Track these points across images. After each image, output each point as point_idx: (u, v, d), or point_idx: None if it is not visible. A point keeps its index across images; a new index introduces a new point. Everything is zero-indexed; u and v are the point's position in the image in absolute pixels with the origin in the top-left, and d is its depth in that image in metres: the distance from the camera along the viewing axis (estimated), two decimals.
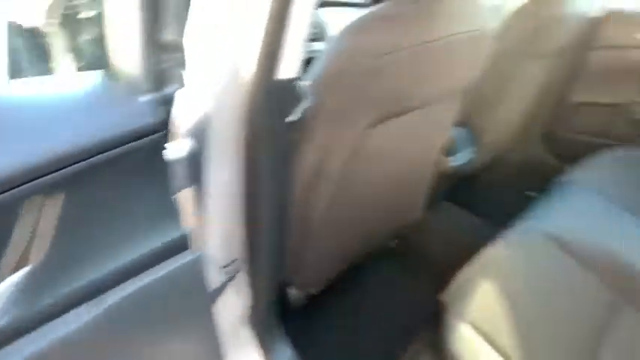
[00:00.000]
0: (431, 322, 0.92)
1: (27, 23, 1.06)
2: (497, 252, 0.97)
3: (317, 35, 1.50)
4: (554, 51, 1.36)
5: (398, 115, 0.84)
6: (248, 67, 0.62)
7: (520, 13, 1.25)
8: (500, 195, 1.80)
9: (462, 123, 1.39)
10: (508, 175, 1.90)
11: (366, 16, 0.73)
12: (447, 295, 0.92)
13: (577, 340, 0.81)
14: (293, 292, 1.16)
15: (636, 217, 1.16)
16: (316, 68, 0.74)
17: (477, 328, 0.81)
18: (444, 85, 0.92)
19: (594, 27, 1.59)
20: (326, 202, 0.86)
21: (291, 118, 0.70)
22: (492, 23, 0.94)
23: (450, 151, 1.28)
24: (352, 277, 1.40)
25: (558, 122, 1.79)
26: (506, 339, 0.79)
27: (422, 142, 1.06)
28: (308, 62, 0.74)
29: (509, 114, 1.44)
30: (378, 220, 1.14)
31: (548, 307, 0.86)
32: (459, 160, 1.34)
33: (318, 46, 1.43)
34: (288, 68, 0.64)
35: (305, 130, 0.77)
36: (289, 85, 0.66)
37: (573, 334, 0.82)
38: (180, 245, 0.77)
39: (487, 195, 1.82)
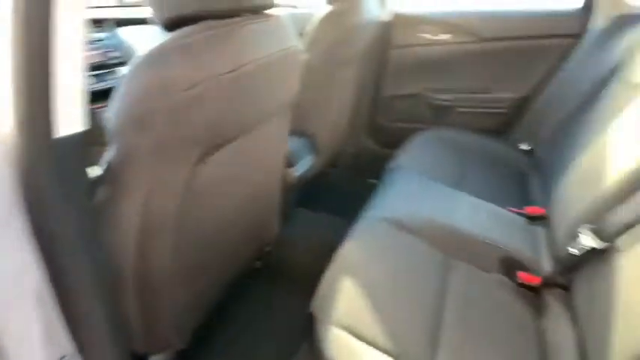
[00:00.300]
0: (308, 335, 0.93)
1: None
2: (349, 248, 1.03)
3: (124, 59, 1.39)
4: (357, 55, 1.51)
5: (230, 141, 0.83)
6: (11, 123, 0.52)
7: (322, 25, 1.36)
8: (347, 189, 1.95)
9: (297, 133, 1.45)
10: (349, 169, 2.06)
11: (166, 45, 0.68)
12: (316, 303, 0.94)
13: (427, 307, 0.91)
14: (157, 358, 1.04)
15: (452, 188, 1.37)
16: (119, 107, 0.67)
17: (347, 328, 0.85)
18: (269, 104, 0.94)
19: (387, 30, 1.83)
20: (168, 251, 0.79)
21: (94, 171, 0.62)
22: (298, 39, 1.00)
23: (291, 162, 1.32)
24: (223, 310, 1.34)
25: (378, 115, 2.01)
26: (373, 329, 0.85)
27: (262, 162, 1.07)
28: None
29: (336, 116, 1.55)
30: (236, 248, 1.11)
31: (400, 285, 0.96)
32: (302, 167, 1.39)
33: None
34: (68, 115, 0.55)
35: (118, 180, 0.70)
36: (75, 135, 0.57)
37: (423, 302, 0.92)
38: None
39: (336, 192, 1.95)
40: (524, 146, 1.67)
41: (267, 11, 0.89)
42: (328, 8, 1.34)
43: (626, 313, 0.73)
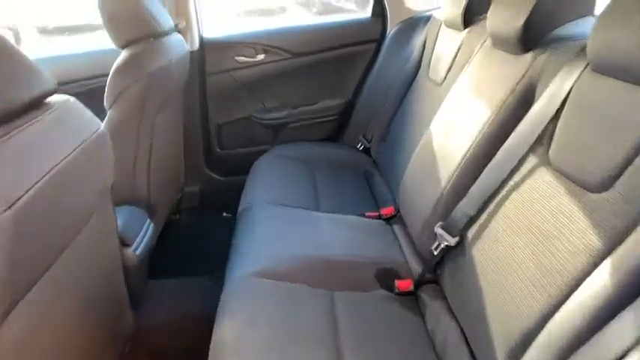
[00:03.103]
0: None
1: None
2: (225, 321, 0.92)
3: None
4: (171, 95, 1.37)
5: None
6: None
7: (120, 76, 1.15)
8: (199, 232, 1.79)
9: (122, 201, 1.23)
10: (196, 210, 1.90)
11: None
12: None
13: (324, 350, 0.88)
14: None
15: (308, 207, 1.36)
16: None
17: None
18: (85, 205, 0.79)
19: (199, 59, 1.72)
20: None
21: None
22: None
23: (126, 239, 1.11)
24: None
25: (213, 145, 1.90)
26: None
27: (94, 268, 0.88)
28: None
29: (160, 167, 1.37)
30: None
31: (292, 339, 0.89)
32: (141, 243, 1.19)
33: None
34: None
35: None
36: None
37: (319, 347, 0.88)
38: None
39: (189, 241, 1.77)
40: (361, 146, 1.77)
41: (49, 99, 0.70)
42: (121, 57, 1.16)
43: (487, 296, 0.80)
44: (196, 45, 1.69)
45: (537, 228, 0.73)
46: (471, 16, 1.25)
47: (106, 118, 1.16)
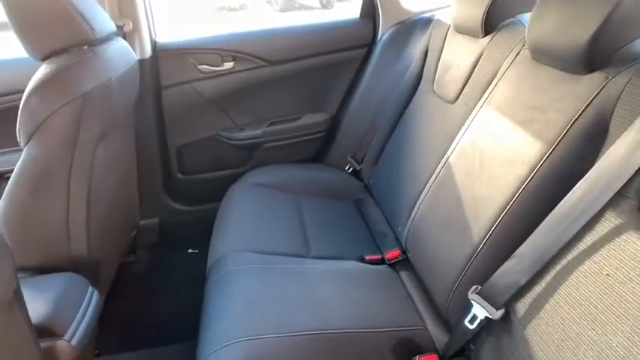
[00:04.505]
0: None
1: None
2: None
3: None
4: (115, 119, 1.07)
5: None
6: None
7: (39, 100, 0.85)
8: (160, 276, 1.50)
9: (56, 269, 0.92)
10: (156, 248, 1.59)
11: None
12: None
13: None
14: None
15: (295, 253, 1.11)
16: None
17: None
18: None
19: (152, 68, 1.41)
20: None
21: None
22: None
23: (56, 328, 0.81)
24: None
25: (173, 171, 1.60)
26: None
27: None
28: None
29: (103, 218, 1.06)
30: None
31: None
32: (83, 325, 0.87)
33: None
34: None
35: None
36: None
37: None
38: None
39: (148, 291, 1.46)
40: (350, 168, 1.52)
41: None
42: (42, 73, 0.85)
43: None
44: (148, 52, 1.38)
45: (629, 313, 0.52)
46: (494, 21, 1.02)
47: (22, 159, 0.87)
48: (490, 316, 0.72)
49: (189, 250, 1.61)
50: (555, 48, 0.77)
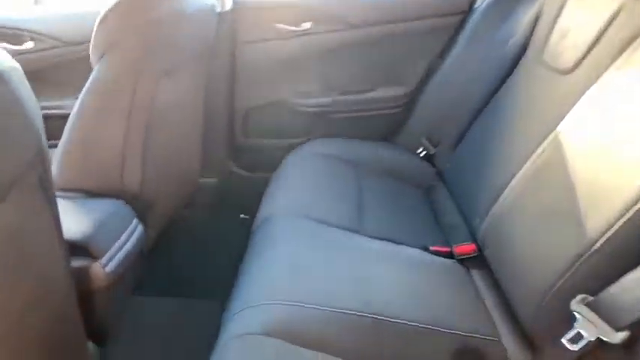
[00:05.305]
0: None
1: None
2: None
3: None
4: (186, 60, 1.04)
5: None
6: None
7: (116, 19, 0.84)
8: (212, 234, 1.47)
9: (107, 194, 0.90)
10: (211, 207, 1.56)
11: None
12: None
13: None
14: None
15: (350, 229, 0.99)
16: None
17: None
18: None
19: (229, 23, 1.35)
20: None
21: None
22: None
23: (93, 250, 0.78)
24: None
25: (237, 133, 1.55)
26: None
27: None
28: None
29: (164, 155, 1.04)
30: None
31: None
32: (121, 254, 0.85)
33: None
34: None
35: None
36: None
37: None
38: None
39: (198, 245, 1.44)
40: (423, 151, 1.37)
41: None
42: None
43: None
44: (229, 3, 1.33)
45: None
46: None
47: (90, 79, 0.86)
48: (605, 339, 0.56)
49: (242, 216, 1.56)
50: None
